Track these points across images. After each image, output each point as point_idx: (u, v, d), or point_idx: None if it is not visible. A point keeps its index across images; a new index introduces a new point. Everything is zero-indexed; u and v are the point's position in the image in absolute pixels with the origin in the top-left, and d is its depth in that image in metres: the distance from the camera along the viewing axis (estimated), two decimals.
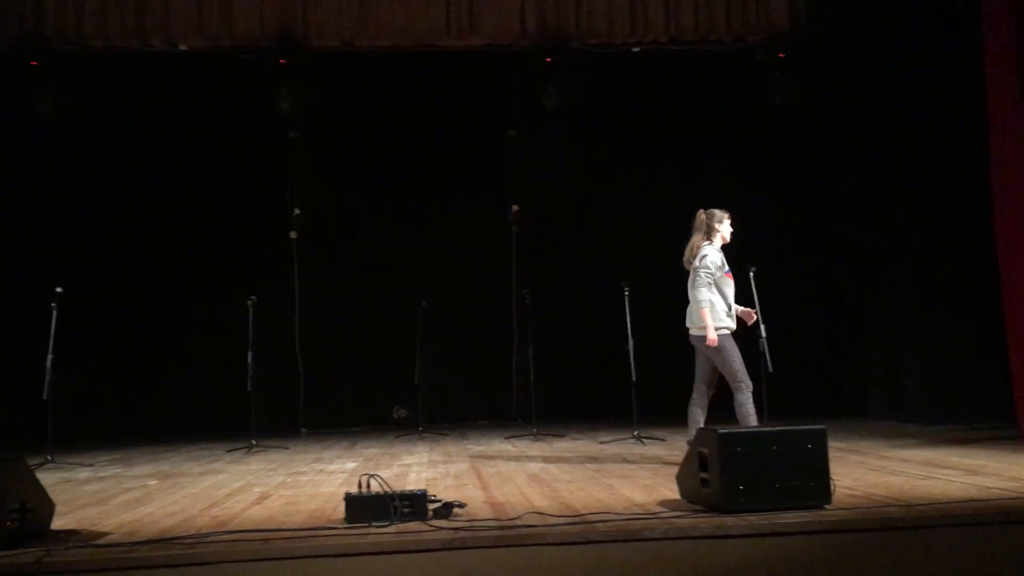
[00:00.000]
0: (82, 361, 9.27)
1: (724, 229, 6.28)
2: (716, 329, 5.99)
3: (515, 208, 10.53)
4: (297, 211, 10.10)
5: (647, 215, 10.97)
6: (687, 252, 6.26)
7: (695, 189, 10.83)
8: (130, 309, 10.17)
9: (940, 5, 8.10)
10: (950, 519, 3.94)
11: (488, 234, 10.66)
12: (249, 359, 8.05)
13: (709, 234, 6.26)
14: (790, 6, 8.81)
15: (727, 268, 6.21)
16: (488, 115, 10.57)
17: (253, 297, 8.26)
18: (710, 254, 6.14)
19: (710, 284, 6.08)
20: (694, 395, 6.20)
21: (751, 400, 5.94)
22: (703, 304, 6.02)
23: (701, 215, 6.30)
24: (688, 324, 6.21)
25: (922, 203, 8.54)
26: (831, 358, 10.12)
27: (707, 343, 5.97)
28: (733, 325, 6.15)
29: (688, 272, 6.26)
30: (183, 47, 8.61)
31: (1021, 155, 7.02)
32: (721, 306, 6.11)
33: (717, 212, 6.31)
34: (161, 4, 8.40)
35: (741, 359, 6.02)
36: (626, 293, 7.94)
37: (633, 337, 7.86)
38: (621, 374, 7.91)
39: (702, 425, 5.86)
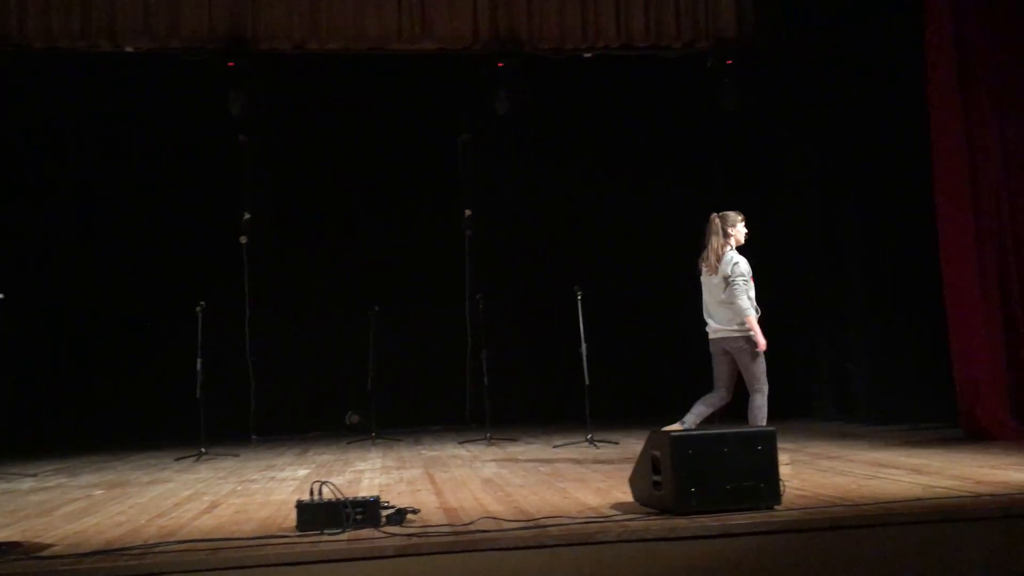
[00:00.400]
0: (26, 369, 9.08)
1: (738, 232, 6.25)
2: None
3: (468, 212, 10.51)
4: (247, 215, 9.97)
5: (600, 219, 11.06)
6: (710, 256, 6.22)
7: (647, 193, 11.03)
8: (76, 314, 9.98)
9: (882, 13, 8.27)
10: (897, 518, 4.02)
11: (441, 238, 10.63)
12: (198, 365, 7.93)
13: (727, 238, 6.23)
14: (738, 13, 8.94)
15: (752, 274, 6.21)
16: (440, 119, 10.55)
17: (202, 302, 8.14)
18: (741, 262, 6.15)
19: (748, 291, 6.11)
20: (712, 396, 6.21)
21: (766, 403, 6.02)
22: (747, 312, 6.04)
23: (715, 219, 6.25)
24: (718, 326, 6.18)
25: (868, 206, 8.70)
26: (778, 359, 10.24)
27: (757, 347, 6.02)
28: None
29: (701, 272, 6.25)
30: (129, 48, 8.46)
31: (960, 156, 7.19)
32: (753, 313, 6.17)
33: (731, 215, 6.28)
34: (107, 5, 8.25)
35: (764, 364, 6.08)
36: (579, 297, 7.97)
37: (586, 340, 7.89)
38: (574, 378, 7.94)
39: (698, 418, 6.06)
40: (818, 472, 5.56)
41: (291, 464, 7.42)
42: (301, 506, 4.21)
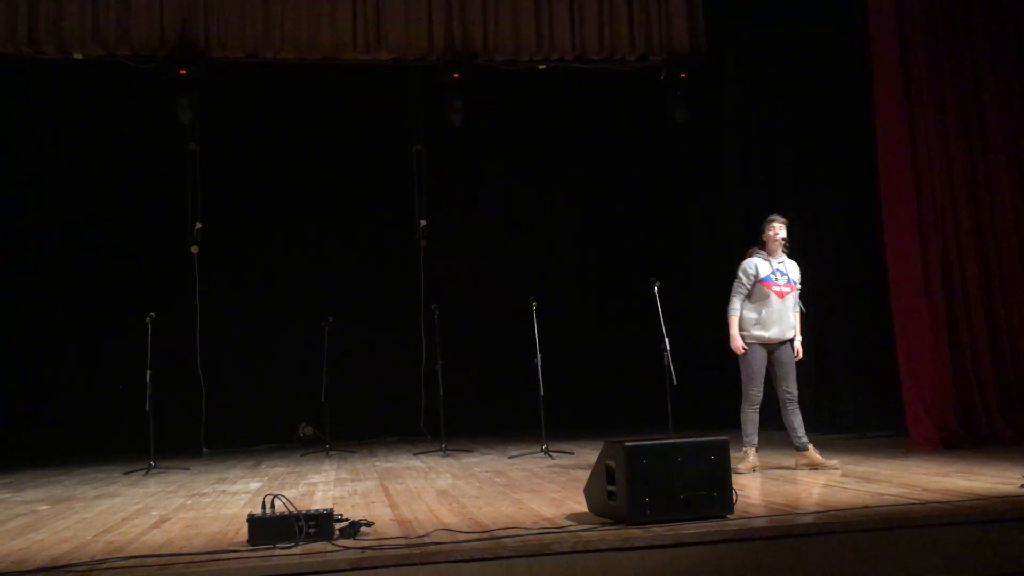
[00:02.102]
0: None
1: (768, 235, 6.29)
2: (743, 338, 6.14)
3: (422, 223, 10.51)
4: (199, 225, 9.86)
5: (555, 229, 11.13)
6: None
7: (601, 203, 11.12)
8: (19, 325, 9.76)
9: (828, 20, 8.44)
10: (846, 526, 4.08)
11: (395, 249, 10.62)
12: (147, 377, 7.78)
13: (763, 242, 6.32)
14: (690, 27, 9.06)
15: (768, 277, 6.19)
16: (395, 129, 10.54)
17: (152, 313, 8.00)
18: (744, 263, 6.26)
19: (740, 293, 6.19)
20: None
21: (748, 413, 6.16)
22: (730, 312, 6.16)
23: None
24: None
25: (814, 216, 8.85)
26: (728, 369, 10.36)
27: (732, 349, 6.11)
28: (766, 335, 6.16)
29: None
30: (78, 55, 8.31)
31: (906, 173, 7.35)
32: (750, 316, 6.18)
33: (768, 218, 6.35)
34: (54, 11, 8.09)
35: (755, 374, 6.15)
36: (534, 307, 7.99)
37: (541, 351, 7.90)
38: (529, 388, 7.95)
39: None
40: (769, 480, 5.63)
41: (243, 477, 7.32)
42: (253, 520, 4.16)
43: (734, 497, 4.33)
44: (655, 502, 4.17)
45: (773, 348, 6.22)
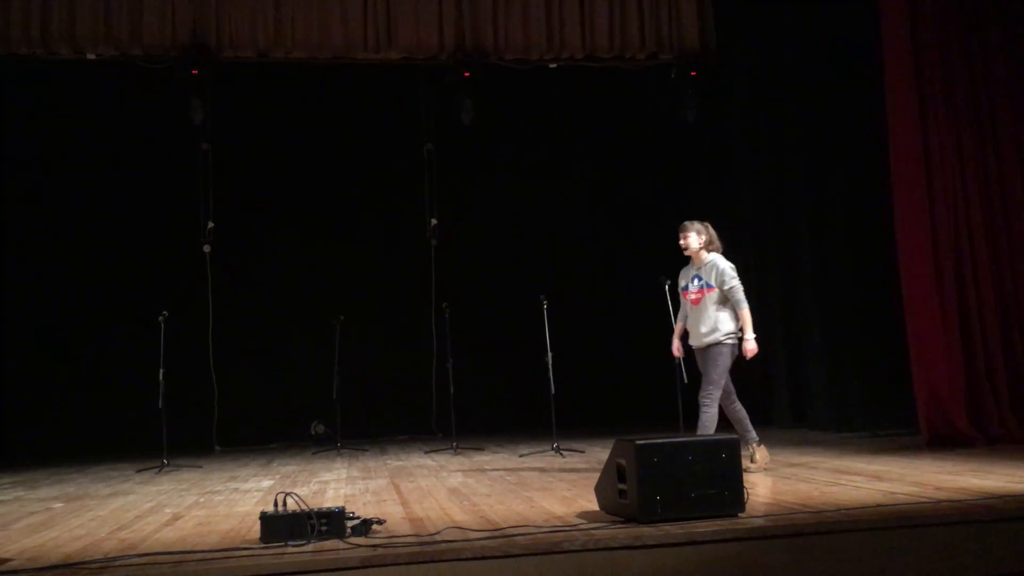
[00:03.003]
0: None
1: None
2: None
3: (433, 221, 10.53)
4: (211, 224, 9.91)
5: (565, 227, 11.12)
6: None
7: (612, 201, 11.11)
8: (34, 324, 9.83)
9: (840, 21, 8.41)
10: (858, 524, 4.07)
11: (406, 247, 10.64)
12: (160, 376, 7.82)
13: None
14: (701, 26, 9.05)
15: (684, 287, 6.31)
16: (405, 129, 10.56)
17: (165, 312, 8.04)
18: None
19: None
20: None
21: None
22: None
23: None
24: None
25: (824, 214, 8.82)
26: (737, 368, 10.33)
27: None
28: (690, 341, 6.25)
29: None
30: (90, 56, 8.36)
31: (918, 169, 7.32)
32: (678, 323, 6.36)
33: None
34: (67, 11, 8.15)
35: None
36: (544, 306, 7.99)
37: (552, 349, 7.91)
38: (540, 387, 7.95)
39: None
40: (780, 479, 5.62)
41: (255, 475, 7.35)
42: (265, 518, 4.17)
43: (745, 495, 4.33)
44: (666, 500, 4.17)
45: (701, 352, 6.20)
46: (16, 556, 4.18)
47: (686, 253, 6.31)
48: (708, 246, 6.28)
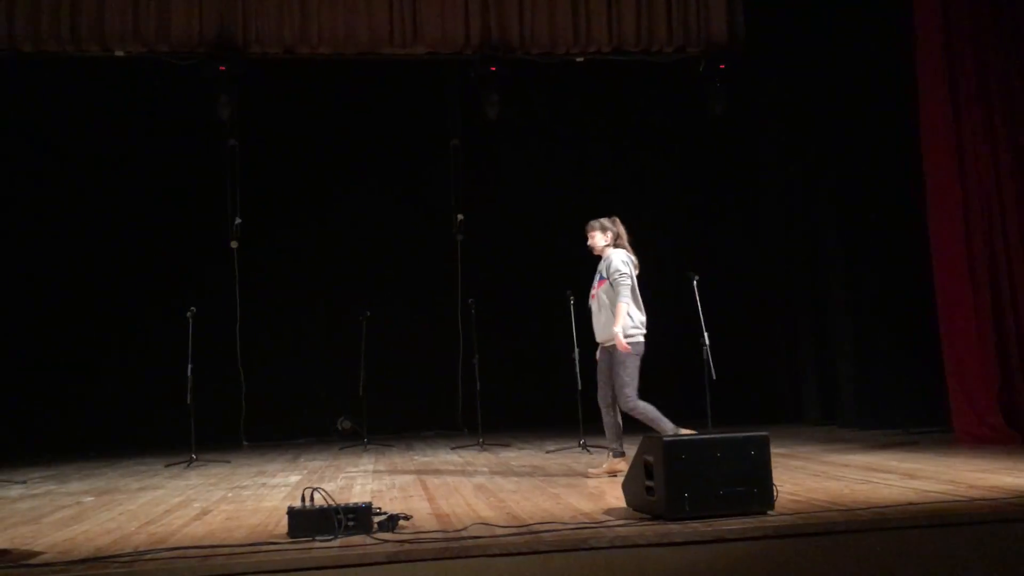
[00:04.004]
0: (15, 375, 9.02)
1: None
2: None
3: (459, 217, 10.52)
4: (238, 220, 9.96)
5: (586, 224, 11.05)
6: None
7: (640, 196, 11.04)
8: (65, 321, 9.93)
9: (870, 11, 8.30)
10: (890, 523, 4.01)
11: (432, 243, 10.63)
12: (188, 371, 7.88)
13: None
14: (729, 19, 8.96)
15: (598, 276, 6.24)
16: (431, 123, 10.55)
17: (193, 308, 8.10)
18: None
19: None
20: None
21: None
22: None
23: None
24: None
25: (856, 209, 8.72)
26: (766, 364, 10.28)
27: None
28: (597, 338, 6.20)
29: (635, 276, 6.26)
30: (119, 53, 8.42)
31: (951, 163, 7.22)
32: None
33: None
34: (96, 9, 8.21)
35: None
36: (571, 301, 7.96)
37: (578, 346, 7.87)
38: (567, 383, 7.92)
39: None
40: (810, 477, 5.56)
41: (282, 470, 7.38)
42: (292, 512, 4.18)
43: (775, 493, 4.28)
44: (694, 498, 4.14)
45: (606, 350, 6.16)
46: (48, 549, 4.21)
47: (594, 252, 6.27)
48: (616, 241, 6.22)
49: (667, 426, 5.93)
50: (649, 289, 10.52)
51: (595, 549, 3.84)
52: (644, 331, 6.10)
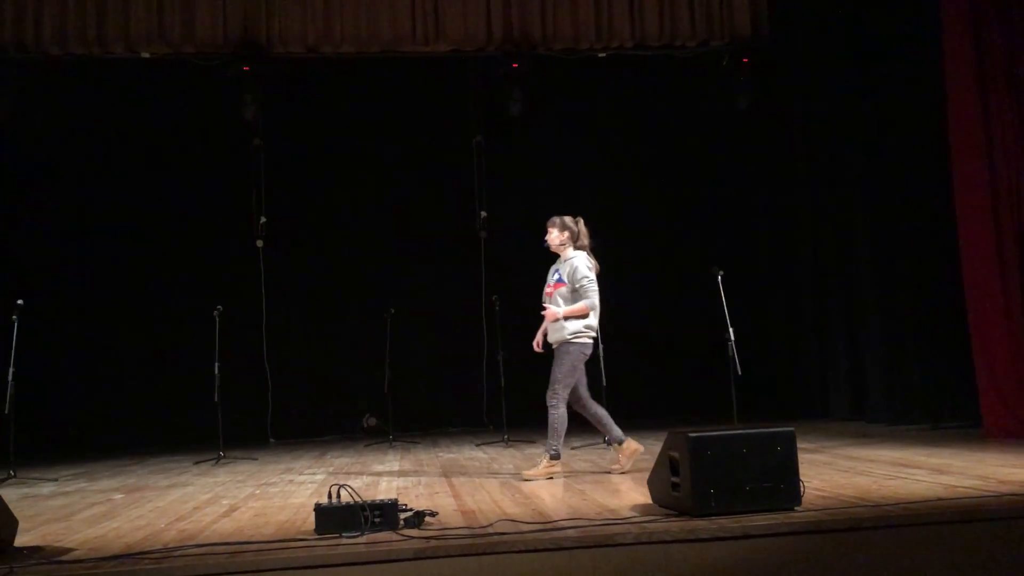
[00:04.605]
0: (44, 373, 9.13)
1: None
2: None
3: (483, 214, 10.52)
4: (263, 219, 10.02)
5: (616, 219, 11.01)
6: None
7: (665, 192, 11.00)
8: (93, 320, 10.03)
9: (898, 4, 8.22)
10: (918, 518, 3.98)
11: (456, 240, 10.64)
12: (216, 369, 7.95)
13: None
14: (753, 11, 8.90)
15: (547, 281, 6.29)
16: (454, 121, 10.56)
17: (219, 307, 8.17)
18: None
19: None
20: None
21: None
22: None
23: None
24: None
25: (882, 202, 8.63)
26: (793, 359, 10.21)
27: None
28: (549, 339, 6.21)
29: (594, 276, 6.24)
30: (145, 54, 8.50)
31: (979, 156, 7.14)
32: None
33: None
34: (121, 11, 8.29)
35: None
36: None
37: (603, 342, 7.85)
38: (591, 379, 7.90)
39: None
40: (838, 472, 5.52)
41: (309, 467, 7.43)
42: (319, 509, 4.21)
43: (802, 489, 4.26)
44: (720, 494, 4.12)
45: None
46: (79, 546, 4.27)
47: (550, 249, 6.27)
48: (574, 242, 6.21)
49: (557, 443, 6.05)
50: (672, 285, 10.50)
51: (621, 545, 3.83)
52: (593, 335, 6.11)
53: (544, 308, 6.19)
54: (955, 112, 7.25)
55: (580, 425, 9.29)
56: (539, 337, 6.32)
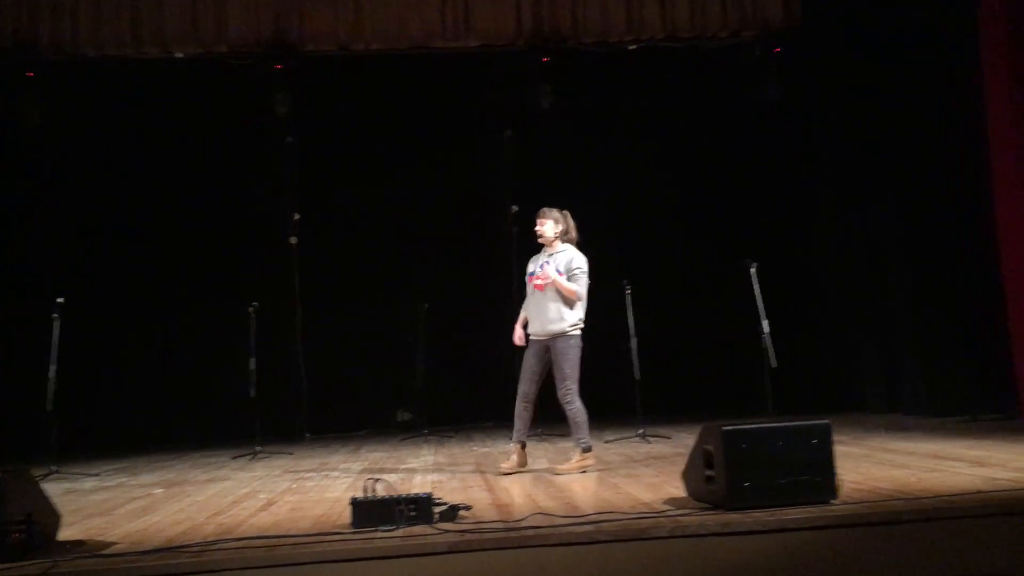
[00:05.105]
0: (85, 370, 9.27)
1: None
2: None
3: (514, 209, 10.51)
4: (296, 216, 10.09)
5: (647, 212, 10.98)
6: None
7: (696, 185, 10.93)
8: (131, 317, 10.16)
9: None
10: (957, 511, 3.93)
11: (488, 235, 10.64)
12: (252, 365, 8.04)
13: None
14: (785, 2, 8.81)
15: (532, 272, 6.28)
16: (484, 116, 10.55)
17: (255, 303, 8.25)
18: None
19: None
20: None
21: (517, 408, 6.18)
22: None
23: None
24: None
25: (918, 193, 8.51)
26: (828, 352, 10.10)
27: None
28: (529, 330, 6.22)
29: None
30: (178, 54, 8.59)
31: (1018, 144, 7.03)
32: (522, 314, 6.31)
33: None
34: (155, 12, 8.40)
35: (523, 369, 6.19)
36: (627, 292, 7.92)
37: (635, 335, 7.84)
38: (624, 372, 7.90)
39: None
40: (875, 465, 5.47)
41: (344, 461, 7.49)
42: (355, 503, 4.25)
43: (838, 482, 4.22)
44: (755, 487, 4.10)
45: (545, 344, 6.09)
46: (121, 540, 4.34)
47: (540, 240, 6.26)
48: (564, 236, 6.23)
49: (585, 435, 6.07)
50: (705, 277, 10.42)
51: (655, 539, 3.83)
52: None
53: (538, 288, 6.11)
54: (994, 106, 7.13)
55: (613, 419, 9.30)
56: (520, 331, 6.28)
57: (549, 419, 8.88)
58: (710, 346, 10.51)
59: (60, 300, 7.40)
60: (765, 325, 6.69)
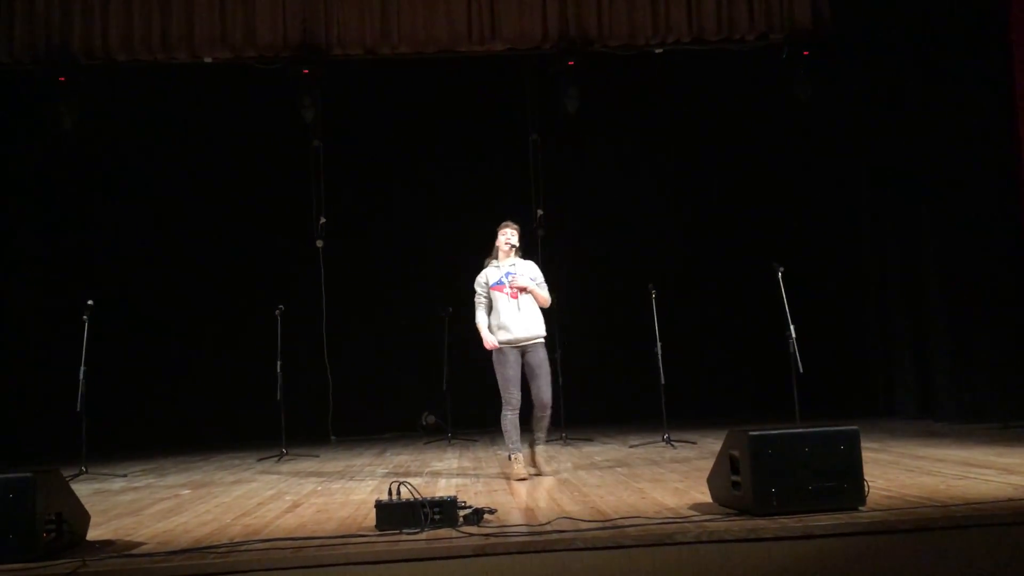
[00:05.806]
0: (114, 372, 9.37)
1: (498, 241, 6.51)
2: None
3: (540, 212, 10.51)
4: (323, 219, 10.15)
5: (674, 215, 10.93)
6: None
7: (723, 188, 10.88)
8: (160, 320, 10.27)
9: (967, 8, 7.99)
10: (988, 519, 3.88)
11: None
12: (278, 368, 8.09)
13: (495, 248, 6.49)
14: (813, 2, 8.74)
15: (498, 282, 6.31)
16: (511, 119, 10.56)
17: (281, 306, 8.31)
18: (477, 276, 6.45)
19: (479, 304, 6.38)
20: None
21: (508, 417, 6.22)
22: (477, 323, 6.39)
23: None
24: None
25: (948, 200, 8.41)
26: (858, 357, 10.01)
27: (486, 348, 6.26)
28: (510, 336, 6.21)
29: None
30: (207, 59, 8.67)
31: None
32: (494, 322, 6.28)
33: (501, 224, 6.59)
34: (185, 18, 8.48)
35: (509, 377, 6.20)
36: (653, 295, 7.90)
37: (661, 339, 7.81)
38: (650, 377, 7.87)
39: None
40: (904, 472, 5.41)
41: (369, 464, 7.52)
42: (380, 506, 4.26)
43: (866, 489, 4.18)
44: (782, 493, 4.07)
45: (524, 349, 6.15)
46: (149, 540, 4.38)
47: (505, 249, 6.43)
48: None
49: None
50: (733, 282, 10.38)
51: (681, 544, 3.81)
52: None
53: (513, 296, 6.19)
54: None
55: (639, 423, 9.27)
56: (492, 337, 6.28)
57: (576, 423, 8.89)
58: (737, 351, 10.45)
59: (90, 303, 7.49)
60: (792, 330, 6.64)
